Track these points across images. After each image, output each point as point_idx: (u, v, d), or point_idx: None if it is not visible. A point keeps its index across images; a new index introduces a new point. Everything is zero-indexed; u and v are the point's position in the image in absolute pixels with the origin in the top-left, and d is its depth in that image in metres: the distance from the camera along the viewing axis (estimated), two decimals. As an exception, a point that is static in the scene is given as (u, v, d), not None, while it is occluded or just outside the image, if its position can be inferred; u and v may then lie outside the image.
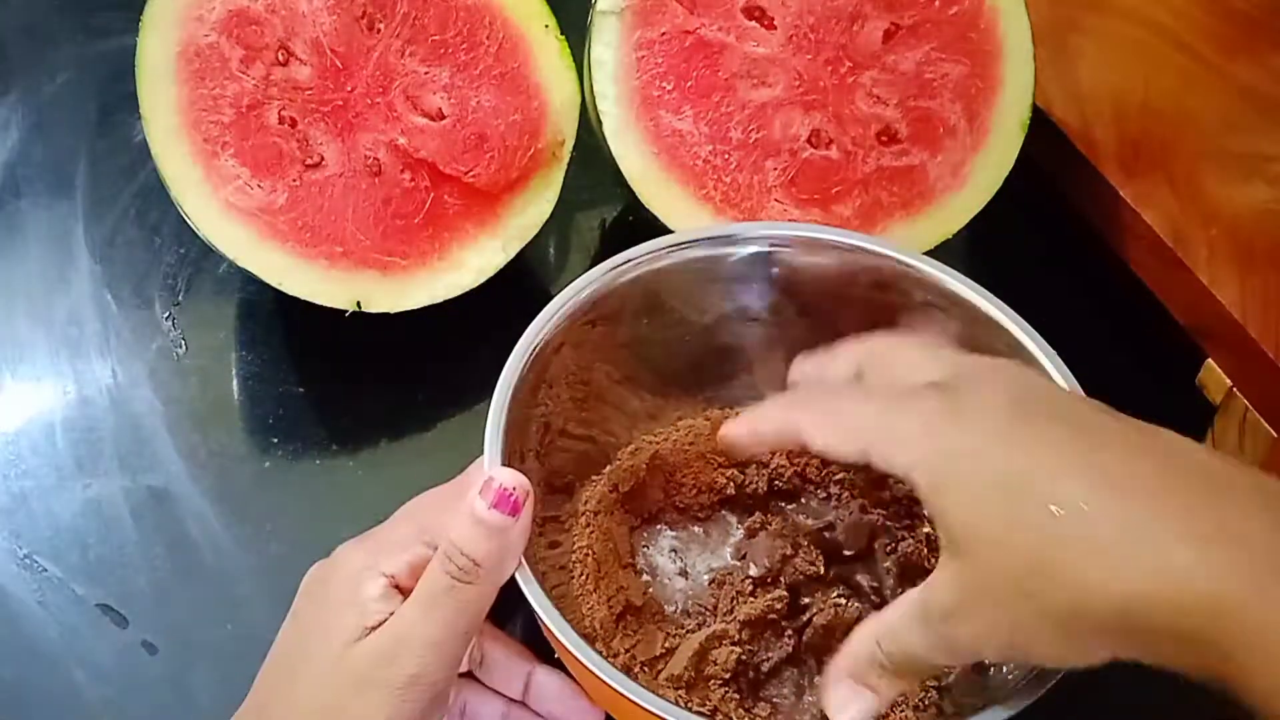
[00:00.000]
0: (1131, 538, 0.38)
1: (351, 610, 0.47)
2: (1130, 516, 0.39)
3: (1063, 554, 0.39)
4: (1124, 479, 0.40)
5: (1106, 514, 0.39)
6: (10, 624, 0.58)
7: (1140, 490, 0.39)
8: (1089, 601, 0.39)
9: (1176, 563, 0.37)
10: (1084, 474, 0.40)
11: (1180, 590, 0.37)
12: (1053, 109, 0.71)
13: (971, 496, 0.42)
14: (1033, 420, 0.42)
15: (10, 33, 0.86)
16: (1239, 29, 0.74)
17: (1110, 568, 0.38)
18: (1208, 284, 0.62)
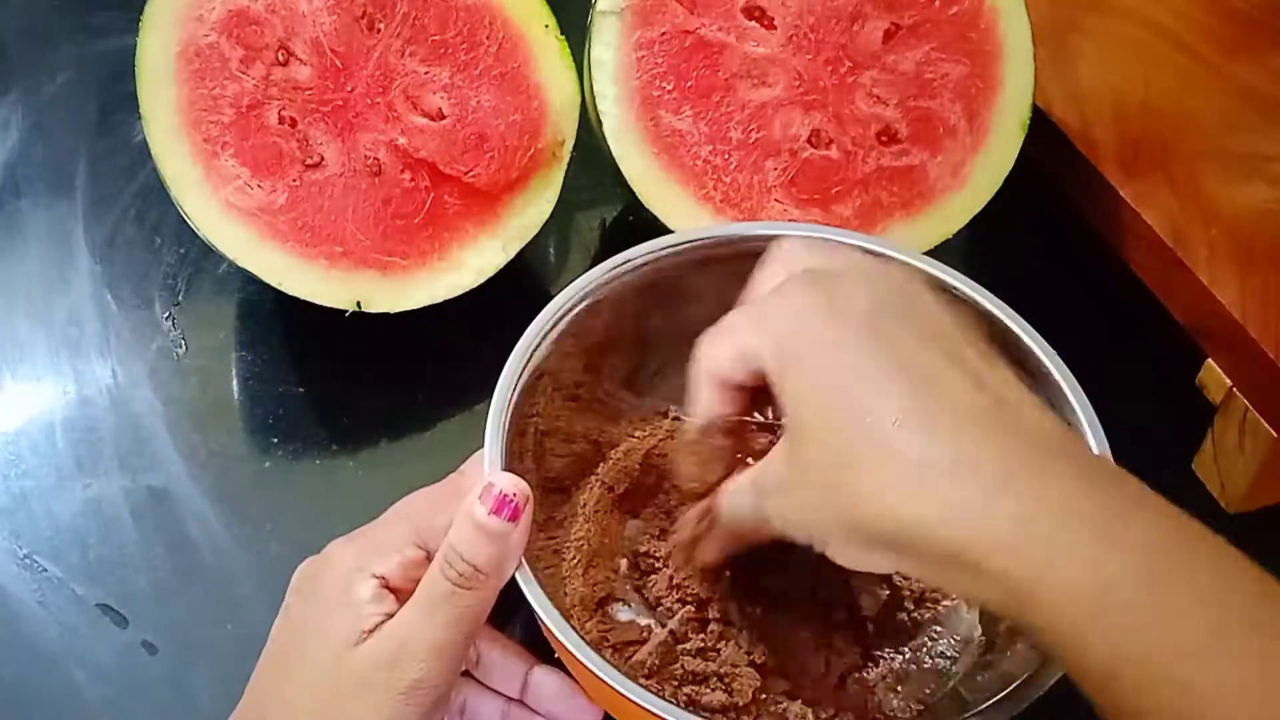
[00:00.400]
0: (928, 465, 0.39)
1: (345, 612, 0.46)
2: (933, 443, 0.39)
3: (863, 464, 0.40)
4: (943, 409, 0.40)
5: (912, 436, 0.40)
6: (10, 624, 0.58)
7: (953, 423, 0.40)
8: (873, 515, 0.40)
9: (968, 497, 0.38)
10: (906, 391, 0.41)
11: (970, 523, 0.38)
12: (1053, 109, 0.71)
13: (808, 387, 0.42)
14: (883, 326, 0.42)
15: (10, 33, 0.86)
16: (1239, 29, 0.74)
17: (903, 490, 0.39)
18: (1208, 284, 0.62)
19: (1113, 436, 0.51)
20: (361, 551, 0.48)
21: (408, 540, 0.48)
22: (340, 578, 0.47)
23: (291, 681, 0.47)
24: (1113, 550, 0.37)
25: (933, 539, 0.39)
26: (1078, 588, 0.37)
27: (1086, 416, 0.51)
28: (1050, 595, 0.37)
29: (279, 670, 0.48)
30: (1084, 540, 0.37)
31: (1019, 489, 0.38)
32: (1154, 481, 0.51)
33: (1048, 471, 0.39)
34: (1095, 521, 0.38)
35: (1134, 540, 0.37)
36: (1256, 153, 0.68)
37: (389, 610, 0.46)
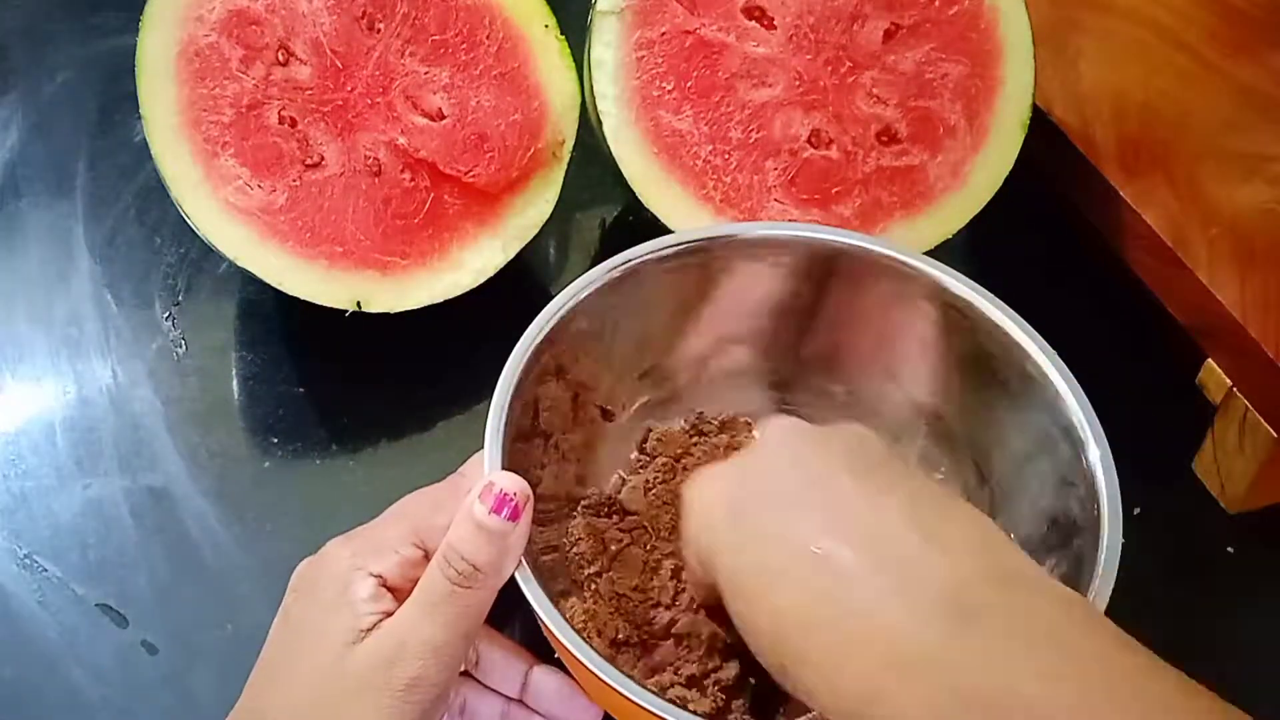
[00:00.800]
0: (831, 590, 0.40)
1: (343, 611, 0.46)
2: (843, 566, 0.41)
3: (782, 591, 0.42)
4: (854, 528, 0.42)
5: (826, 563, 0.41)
6: (10, 624, 0.58)
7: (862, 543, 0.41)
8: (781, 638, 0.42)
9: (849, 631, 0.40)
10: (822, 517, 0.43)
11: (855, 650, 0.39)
12: (1053, 109, 0.71)
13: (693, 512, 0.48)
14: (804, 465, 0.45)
15: (10, 33, 0.86)
16: (1239, 29, 0.73)
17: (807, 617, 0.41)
18: (1208, 284, 0.62)
19: (1113, 436, 0.50)
20: (359, 551, 0.48)
21: (406, 539, 0.48)
22: (338, 577, 0.48)
23: (290, 681, 0.47)
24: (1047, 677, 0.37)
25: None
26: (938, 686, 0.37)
27: (1087, 418, 0.51)
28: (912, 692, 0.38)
29: (277, 670, 0.48)
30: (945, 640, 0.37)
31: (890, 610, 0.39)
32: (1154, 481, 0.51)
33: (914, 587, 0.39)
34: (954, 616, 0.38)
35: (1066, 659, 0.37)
36: (1256, 153, 0.68)
37: (387, 609, 0.46)
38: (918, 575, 0.39)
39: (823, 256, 0.58)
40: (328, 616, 0.47)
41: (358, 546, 0.49)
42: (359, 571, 0.47)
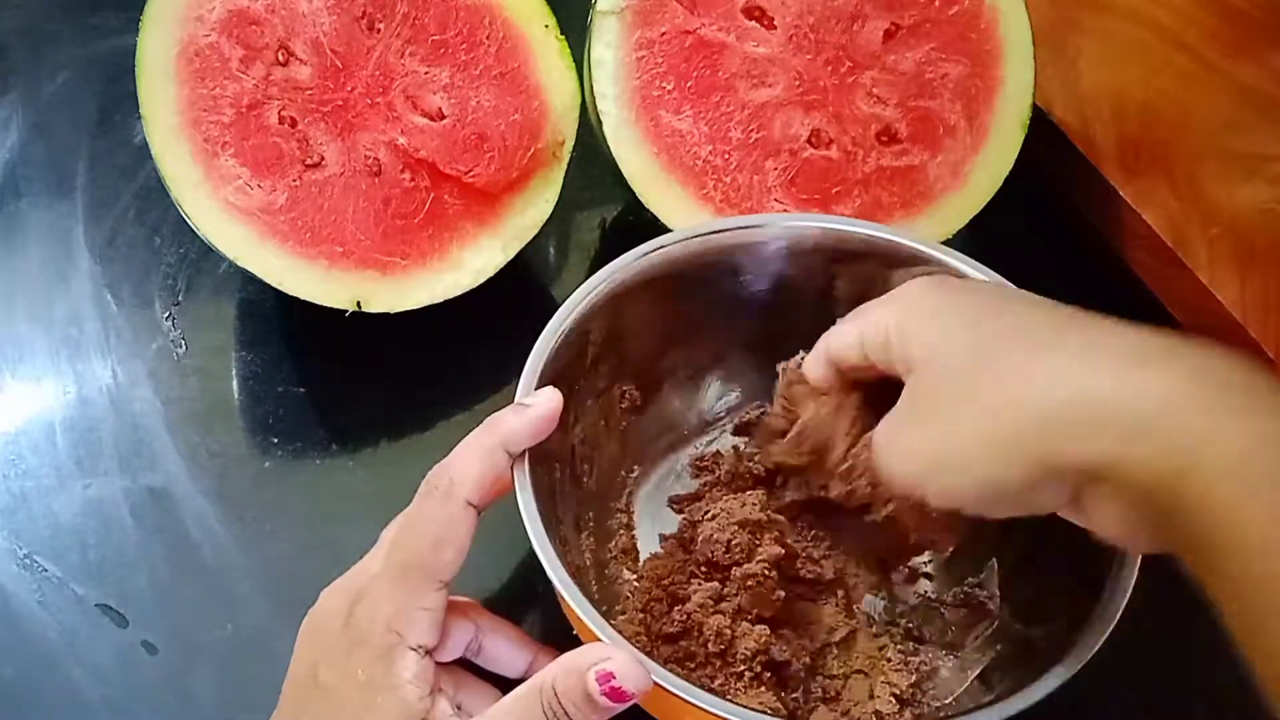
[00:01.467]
0: (1089, 349, 0.40)
1: (389, 697, 0.45)
2: (1092, 336, 0.41)
3: (1012, 358, 0.41)
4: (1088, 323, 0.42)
5: (1068, 333, 0.41)
6: (10, 624, 0.58)
7: (1101, 331, 0.41)
8: (1015, 412, 0.40)
9: (1131, 368, 0.39)
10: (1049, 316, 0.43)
11: (1135, 389, 0.38)
12: (1053, 109, 0.71)
13: (927, 320, 0.45)
14: (998, 293, 0.47)
15: (10, 33, 0.86)
16: (1239, 29, 0.73)
17: (1040, 378, 0.40)
18: (1208, 284, 0.62)
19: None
20: (391, 619, 0.47)
21: (425, 590, 0.47)
22: (374, 649, 0.46)
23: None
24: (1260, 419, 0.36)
25: (1095, 410, 0.39)
26: (1240, 448, 0.36)
27: None
28: (1212, 453, 0.36)
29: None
30: (1238, 407, 0.37)
31: (1175, 365, 0.38)
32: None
33: (1194, 354, 0.39)
34: (1247, 392, 0.37)
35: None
36: (1256, 153, 0.68)
37: (433, 686, 0.46)
38: None
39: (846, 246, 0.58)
40: (373, 698, 0.46)
41: (387, 614, 0.47)
42: (400, 646, 0.46)
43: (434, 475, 0.49)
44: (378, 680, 0.46)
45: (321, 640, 0.48)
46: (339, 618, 0.48)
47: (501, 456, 0.48)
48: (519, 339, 0.54)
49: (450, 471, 0.48)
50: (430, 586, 0.47)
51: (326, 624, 0.48)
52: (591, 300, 0.55)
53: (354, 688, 0.46)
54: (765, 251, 0.59)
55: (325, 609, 0.49)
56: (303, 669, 0.48)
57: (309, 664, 0.48)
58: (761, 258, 0.59)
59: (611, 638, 0.45)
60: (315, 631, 0.49)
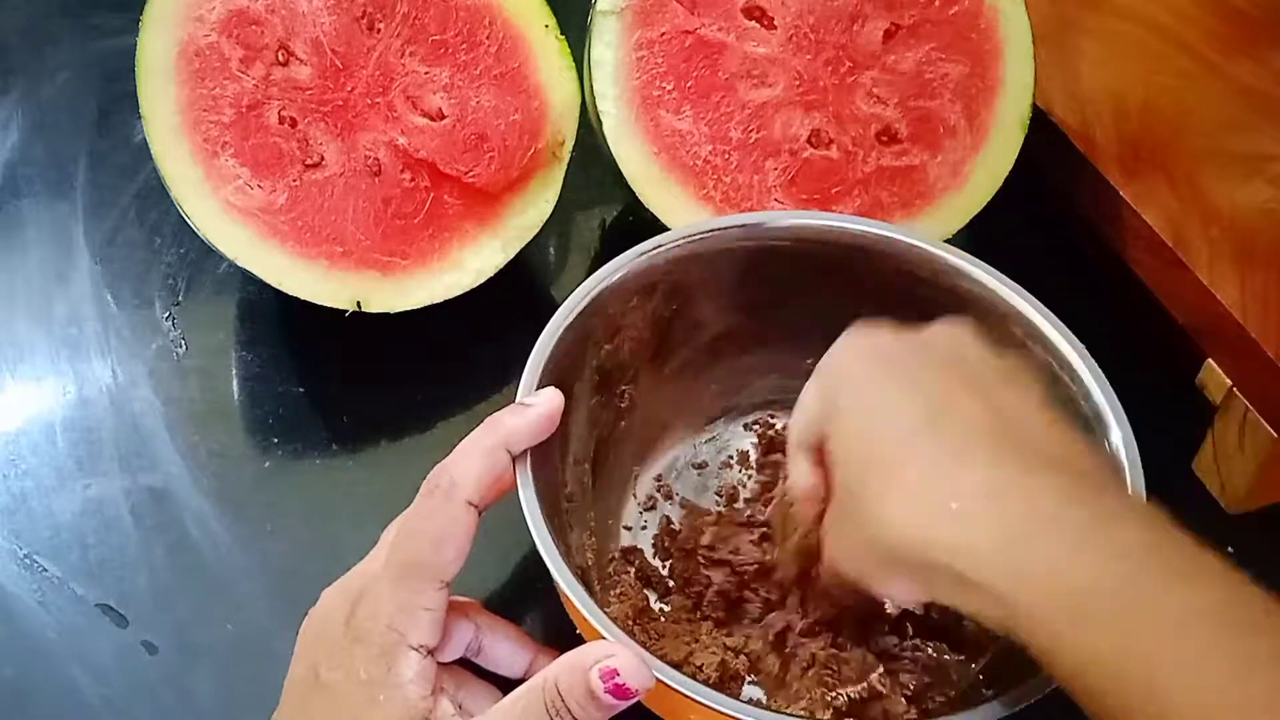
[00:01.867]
0: (929, 482, 0.42)
1: (393, 696, 0.45)
2: (937, 459, 0.42)
3: (874, 482, 0.43)
4: (953, 423, 0.43)
5: (920, 452, 0.43)
6: (10, 624, 0.58)
7: (961, 438, 0.43)
8: (887, 533, 0.43)
9: (961, 511, 0.41)
10: (920, 411, 0.44)
11: (961, 536, 0.41)
12: (1053, 109, 0.71)
13: (843, 415, 0.46)
14: (913, 364, 0.46)
15: (10, 33, 0.86)
16: (1239, 29, 0.73)
17: (905, 506, 0.42)
18: (1208, 284, 0.62)
19: (1113, 437, 0.51)
20: (393, 618, 0.46)
21: (426, 590, 0.47)
22: (375, 646, 0.46)
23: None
24: (1089, 558, 0.39)
25: (927, 552, 0.41)
26: (1053, 595, 0.39)
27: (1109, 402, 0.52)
28: (1029, 602, 0.39)
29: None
30: (1063, 550, 0.39)
31: (1008, 504, 0.41)
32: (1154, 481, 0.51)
33: (1034, 487, 0.41)
34: (1076, 531, 0.39)
35: (1114, 548, 0.39)
36: (1256, 153, 0.68)
37: (434, 685, 0.46)
38: None
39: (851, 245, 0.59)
40: (375, 696, 0.46)
41: (390, 611, 0.46)
42: (401, 645, 0.46)
43: (434, 475, 0.49)
44: (379, 679, 0.46)
45: (323, 639, 0.48)
46: (340, 617, 0.48)
47: (503, 456, 0.48)
48: (519, 339, 0.54)
49: (451, 471, 0.48)
50: (431, 586, 0.47)
51: (328, 623, 0.48)
52: (591, 299, 0.55)
53: (355, 686, 0.46)
54: (764, 250, 0.59)
55: (326, 608, 0.49)
56: (304, 668, 0.48)
57: (310, 663, 0.48)
58: (760, 256, 0.59)
59: (615, 635, 0.45)
60: (316, 631, 0.49)
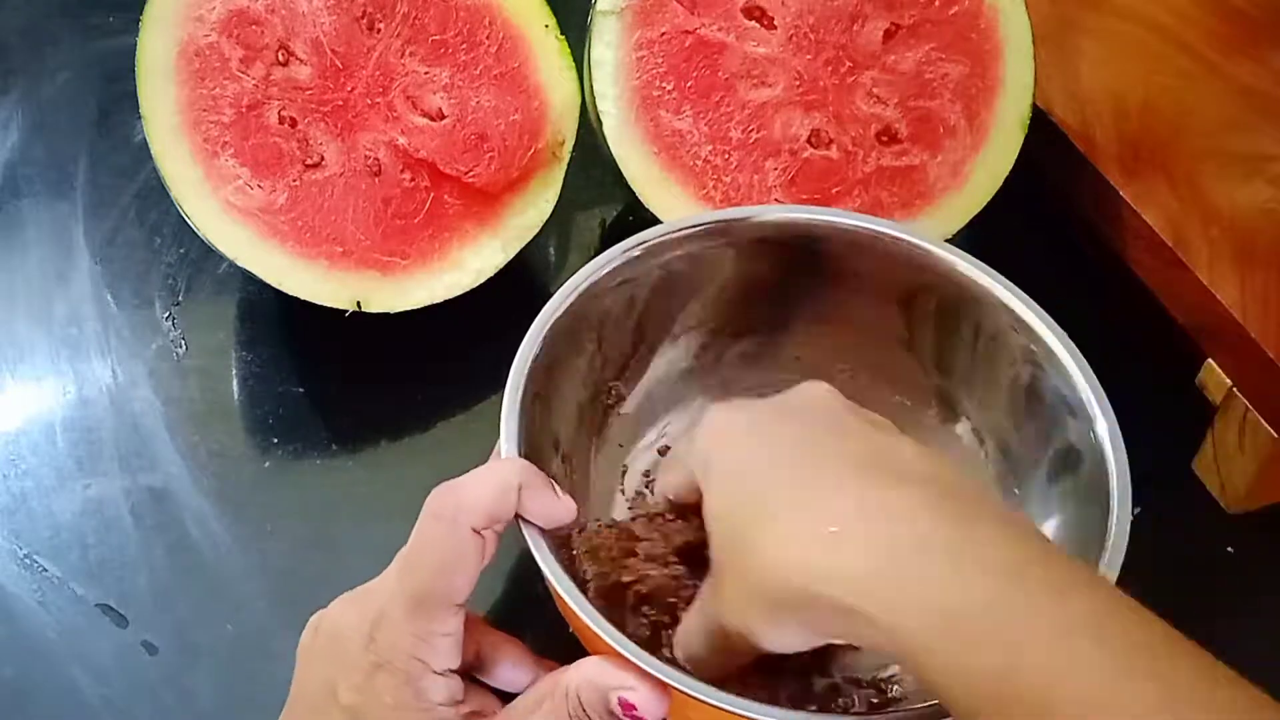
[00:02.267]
0: (805, 518, 0.42)
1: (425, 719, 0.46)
2: (813, 499, 0.42)
3: (755, 533, 0.43)
4: (824, 466, 0.44)
5: (795, 495, 0.43)
6: (10, 624, 0.58)
7: (834, 476, 0.43)
8: (769, 577, 0.42)
9: (835, 539, 0.41)
10: (793, 462, 0.44)
11: (836, 564, 0.41)
12: (1053, 109, 0.71)
13: (716, 480, 0.46)
14: (786, 420, 0.47)
15: (10, 33, 0.86)
16: (1239, 29, 0.73)
17: (785, 544, 0.42)
18: (1208, 284, 0.62)
19: (1112, 437, 0.51)
20: (413, 649, 0.46)
21: (445, 615, 0.46)
22: (404, 681, 0.46)
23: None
24: (963, 577, 0.39)
25: (806, 586, 0.41)
26: (929, 615, 0.39)
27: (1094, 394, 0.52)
28: (906, 625, 0.39)
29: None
30: (937, 570, 0.39)
31: (879, 527, 0.41)
32: (1154, 481, 0.51)
33: (902, 508, 0.41)
34: (949, 549, 0.39)
35: (987, 564, 0.39)
36: (1256, 153, 0.68)
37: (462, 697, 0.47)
38: None
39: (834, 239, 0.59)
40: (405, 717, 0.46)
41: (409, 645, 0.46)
42: (425, 673, 0.46)
43: (439, 501, 0.48)
44: (408, 703, 0.46)
45: (340, 659, 0.47)
46: (358, 639, 0.47)
47: (513, 499, 0.47)
48: (519, 339, 0.54)
49: (458, 497, 0.47)
50: (447, 613, 0.46)
51: (345, 643, 0.47)
52: (578, 295, 0.55)
53: (383, 710, 0.46)
54: (751, 244, 0.59)
55: (341, 625, 0.48)
56: (318, 685, 0.47)
57: (325, 681, 0.47)
58: (747, 251, 0.59)
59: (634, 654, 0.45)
60: (332, 647, 0.48)
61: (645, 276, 0.58)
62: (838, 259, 0.59)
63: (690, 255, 0.58)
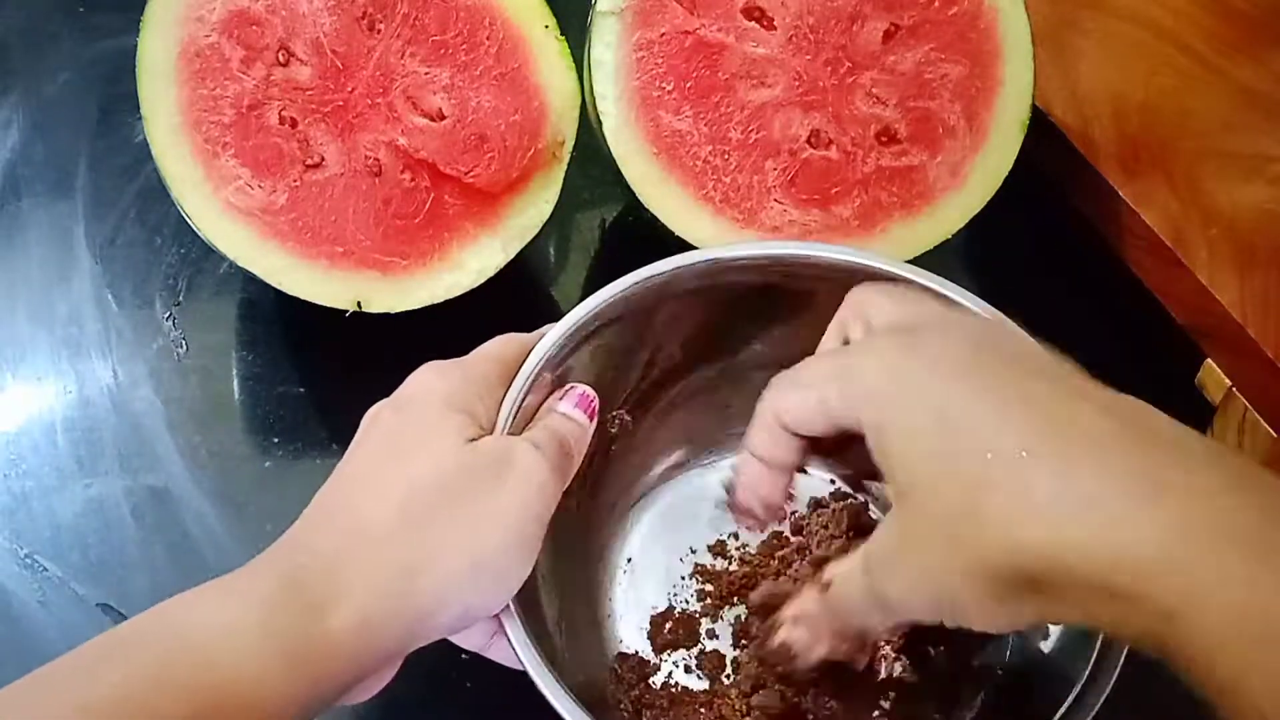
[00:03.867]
0: (1067, 488, 0.36)
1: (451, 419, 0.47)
2: (1069, 467, 0.37)
3: (993, 500, 0.37)
4: (1071, 430, 0.38)
5: (1044, 463, 0.37)
6: (10, 624, 0.58)
7: (1086, 442, 0.37)
8: (1016, 551, 0.37)
9: (1114, 515, 0.36)
10: (1028, 421, 0.38)
11: (1118, 543, 0.35)
12: (1053, 109, 0.71)
13: (912, 435, 0.40)
14: (988, 365, 0.41)
15: (10, 33, 0.86)
16: (1239, 29, 0.74)
17: (1041, 517, 0.37)
18: (1207, 284, 0.62)
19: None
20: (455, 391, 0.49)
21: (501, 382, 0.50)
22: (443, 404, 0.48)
23: (407, 466, 0.46)
24: (1274, 570, 0.33)
25: (1075, 565, 0.36)
26: (1238, 612, 0.33)
27: None
28: (1205, 620, 0.34)
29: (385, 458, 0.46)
30: (1239, 560, 0.34)
31: (1168, 505, 0.35)
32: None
33: (1195, 486, 0.36)
34: (1252, 537, 0.34)
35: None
36: (1256, 153, 0.68)
37: None
38: None
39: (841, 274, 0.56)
40: (441, 422, 0.47)
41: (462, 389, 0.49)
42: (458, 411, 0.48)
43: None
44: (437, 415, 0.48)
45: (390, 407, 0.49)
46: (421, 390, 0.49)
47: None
48: (519, 339, 0.54)
49: None
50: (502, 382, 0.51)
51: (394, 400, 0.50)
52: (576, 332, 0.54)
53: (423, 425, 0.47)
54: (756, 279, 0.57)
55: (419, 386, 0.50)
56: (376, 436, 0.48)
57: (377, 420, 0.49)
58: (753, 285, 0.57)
59: None
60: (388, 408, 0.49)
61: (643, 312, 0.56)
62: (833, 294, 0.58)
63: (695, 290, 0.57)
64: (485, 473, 0.45)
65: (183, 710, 0.38)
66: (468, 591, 0.44)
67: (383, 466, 0.46)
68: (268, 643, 0.40)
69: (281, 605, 0.41)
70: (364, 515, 0.44)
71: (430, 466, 0.45)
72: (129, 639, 0.40)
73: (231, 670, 0.39)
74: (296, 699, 0.41)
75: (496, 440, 0.47)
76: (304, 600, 0.42)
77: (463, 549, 0.44)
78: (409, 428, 0.47)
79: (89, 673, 0.38)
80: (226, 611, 0.41)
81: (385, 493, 0.45)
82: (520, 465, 0.46)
